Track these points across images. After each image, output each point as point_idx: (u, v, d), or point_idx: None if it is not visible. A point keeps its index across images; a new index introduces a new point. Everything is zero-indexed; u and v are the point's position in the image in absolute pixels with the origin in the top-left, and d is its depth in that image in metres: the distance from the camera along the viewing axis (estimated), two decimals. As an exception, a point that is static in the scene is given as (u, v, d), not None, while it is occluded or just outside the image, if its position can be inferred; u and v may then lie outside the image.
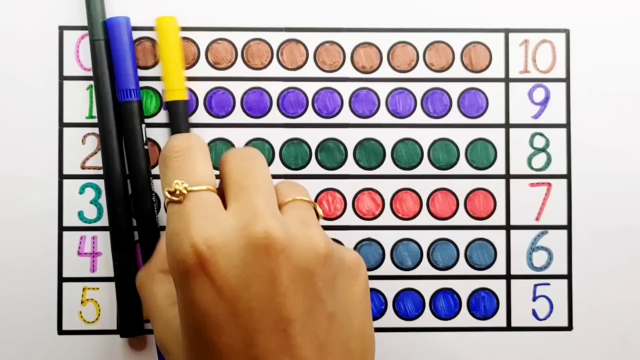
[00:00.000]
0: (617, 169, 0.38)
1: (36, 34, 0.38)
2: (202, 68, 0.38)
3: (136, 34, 0.38)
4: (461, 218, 0.38)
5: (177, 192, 0.27)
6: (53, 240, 0.37)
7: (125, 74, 0.36)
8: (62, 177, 0.38)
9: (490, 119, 0.39)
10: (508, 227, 0.39)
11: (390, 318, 0.38)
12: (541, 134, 0.39)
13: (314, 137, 0.38)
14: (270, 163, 0.38)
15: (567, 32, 0.39)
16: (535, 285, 0.38)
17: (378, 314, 0.38)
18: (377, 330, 0.37)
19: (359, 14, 0.38)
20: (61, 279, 0.37)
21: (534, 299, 0.38)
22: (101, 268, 0.38)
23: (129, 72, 0.36)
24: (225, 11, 0.38)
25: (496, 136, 0.39)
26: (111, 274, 0.37)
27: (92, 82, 0.37)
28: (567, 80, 0.39)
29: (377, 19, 0.38)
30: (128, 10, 0.38)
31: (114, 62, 0.36)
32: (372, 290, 0.38)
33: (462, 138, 0.39)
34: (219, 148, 0.38)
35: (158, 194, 0.37)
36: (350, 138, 0.38)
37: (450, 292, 0.38)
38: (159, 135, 0.38)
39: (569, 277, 0.38)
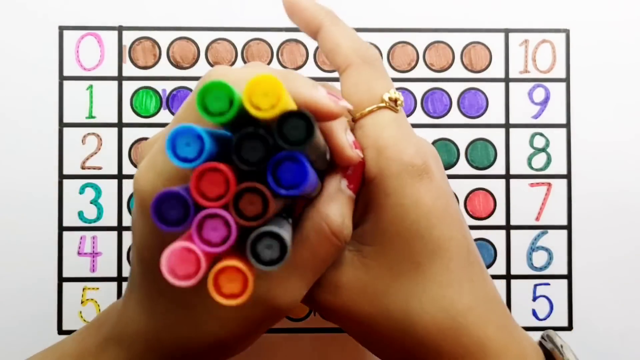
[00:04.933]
0: (617, 169, 0.38)
1: (36, 34, 0.38)
2: (202, 68, 0.38)
3: (135, 34, 0.38)
4: (461, 218, 0.38)
5: (398, 102, 0.28)
6: (53, 240, 0.37)
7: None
8: (62, 177, 0.38)
9: (490, 119, 0.39)
10: (508, 227, 0.39)
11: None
12: (541, 134, 0.39)
13: (314, 137, 0.38)
14: (270, 163, 0.38)
15: (567, 32, 0.39)
16: (535, 285, 0.38)
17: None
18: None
19: (359, 14, 0.38)
20: (61, 279, 0.37)
21: (534, 299, 0.38)
22: (101, 268, 0.37)
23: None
24: (226, 11, 0.38)
25: (496, 136, 0.39)
26: (111, 274, 0.37)
27: (92, 82, 0.37)
28: (567, 80, 0.39)
29: (377, 19, 0.38)
30: (128, 9, 0.38)
31: None
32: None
33: (462, 138, 0.39)
34: (219, 148, 0.38)
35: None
36: (350, 138, 0.38)
37: (450, 292, 0.38)
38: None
39: (569, 277, 0.38)
